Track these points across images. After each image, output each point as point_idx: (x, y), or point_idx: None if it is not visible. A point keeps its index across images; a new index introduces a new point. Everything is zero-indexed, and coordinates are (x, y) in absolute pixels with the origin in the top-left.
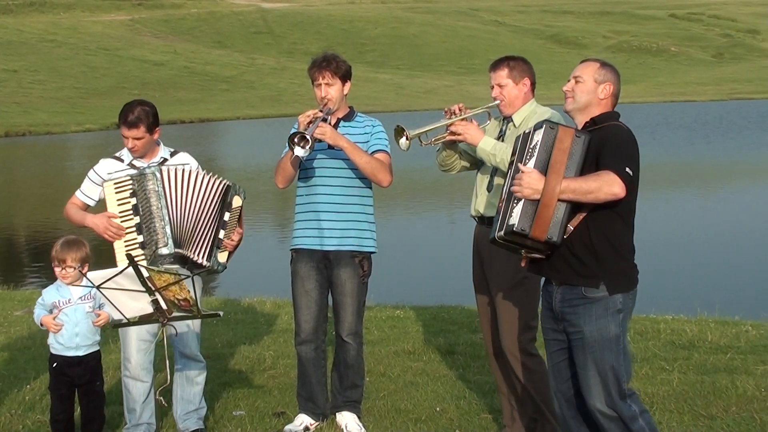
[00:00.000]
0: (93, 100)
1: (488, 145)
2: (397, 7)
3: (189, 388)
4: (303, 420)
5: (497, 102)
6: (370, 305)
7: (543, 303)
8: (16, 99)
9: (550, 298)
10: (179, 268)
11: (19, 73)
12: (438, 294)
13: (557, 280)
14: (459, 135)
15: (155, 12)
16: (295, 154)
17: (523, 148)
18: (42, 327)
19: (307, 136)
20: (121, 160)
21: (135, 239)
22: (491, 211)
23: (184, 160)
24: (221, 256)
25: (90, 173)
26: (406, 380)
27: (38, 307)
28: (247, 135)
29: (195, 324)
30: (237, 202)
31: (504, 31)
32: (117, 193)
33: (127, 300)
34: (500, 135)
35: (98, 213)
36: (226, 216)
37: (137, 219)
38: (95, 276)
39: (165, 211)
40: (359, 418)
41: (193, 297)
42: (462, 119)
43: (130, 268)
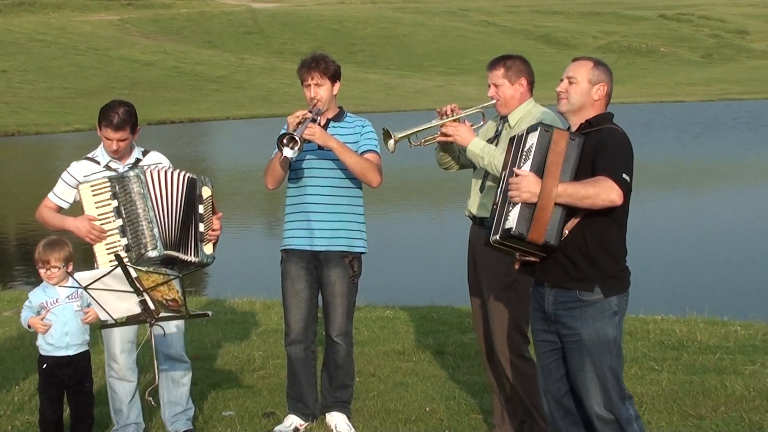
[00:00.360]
0: (82, 100)
1: (477, 147)
2: (387, 7)
3: (175, 390)
4: (293, 421)
5: (493, 102)
6: (360, 305)
7: (533, 304)
8: (5, 99)
9: (542, 300)
10: (166, 270)
11: (8, 73)
12: (428, 294)
13: (550, 283)
14: (449, 136)
15: (145, 12)
16: (284, 155)
17: (517, 151)
18: (30, 329)
19: (296, 137)
20: (96, 162)
21: (118, 242)
22: (483, 212)
23: (156, 160)
24: (207, 249)
25: (64, 175)
26: (396, 380)
27: (25, 310)
28: (237, 135)
29: (179, 324)
30: (207, 192)
31: (494, 31)
32: (95, 195)
33: (115, 300)
34: (496, 135)
35: (72, 215)
36: (201, 209)
37: (120, 221)
38: (83, 277)
39: (152, 213)
40: (349, 418)
41: (182, 297)
42: (454, 120)
43: (118, 269)
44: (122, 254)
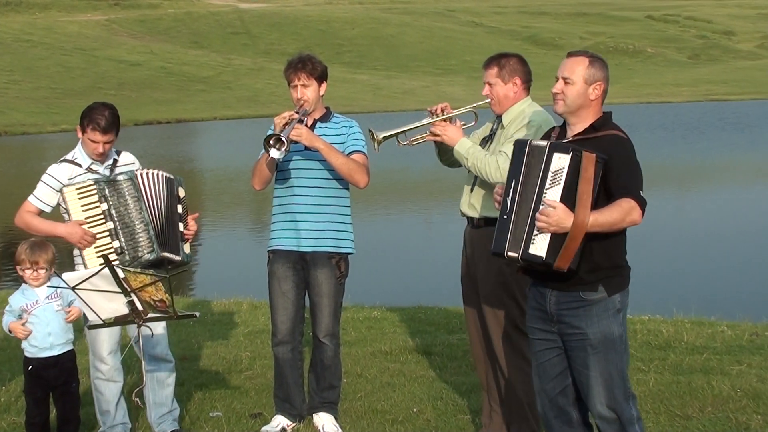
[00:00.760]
0: (69, 100)
1: (463, 147)
2: (375, 7)
3: (161, 391)
4: (280, 421)
5: (488, 101)
6: (348, 306)
7: (531, 303)
8: None
9: (543, 299)
10: (153, 271)
11: None
12: (415, 295)
13: (552, 287)
14: (437, 136)
15: (132, 12)
16: (271, 156)
17: (534, 164)
18: (10, 334)
19: (283, 138)
20: (78, 164)
21: (109, 244)
22: (472, 212)
23: (129, 160)
24: (186, 248)
25: (45, 178)
26: (383, 381)
27: (6, 315)
28: (224, 135)
29: (163, 325)
30: (182, 192)
31: (481, 32)
32: (81, 198)
33: (102, 301)
34: (491, 134)
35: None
36: (179, 209)
37: (110, 224)
38: (70, 277)
39: (147, 216)
40: (336, 419)
41: (170, 298)
42: (444, 119)
43: (106, 270)
44: (113, 257)
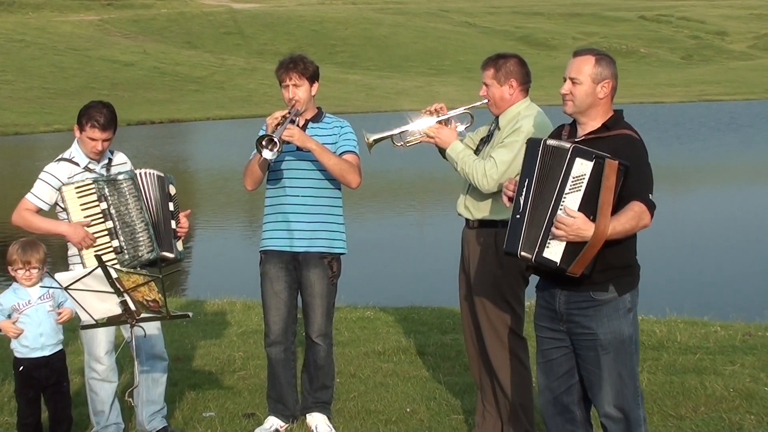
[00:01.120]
0: (62, 100)
1: (454, 151)
2: (368, 8)
3: (154, 390)
4: (273, 422)
5: (485, 101)
6: (341, 306)
7: (540, 301)
8: None
9: (552, 298)
10: (146, 271)
11: None
12: (409, 295)
13: (562, 286)
14: (431, 138)
15: (125, 12)
16: (264, 157)
17: (552, 166)
18: (0, 333)
19: (275, 139)
20: (75, 163)
21: (107, 243)
22: (467, 213)
23: (122, 160)
24: (179, 245)
25: (44, 176)
26: (377, 381)
27: None
28: (218, 135)
29: (158, 324)
30: (173, 190)
31: (474, 32)
32: (80, 197)
33: (95, 301)
34: (489, 135)
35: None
36: (171, 206)
37: (109, 224)
38: (63, 277)
39: (147, 215)
40: (329, 419)
41: (162, 298)
42: (440, 120)
43: (99, 270)
44: (111, 256)
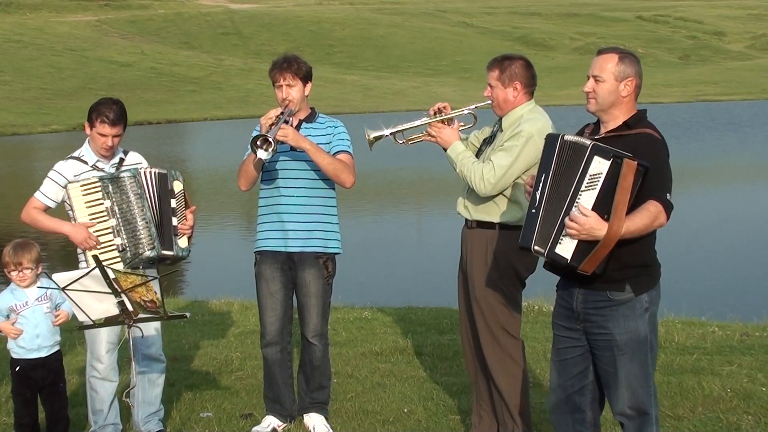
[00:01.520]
0: (59, 101)
1: (454, 152)
2: (365, 8)
3: (150, 391)
4: (270, 422)
5: (489, 102)
6: (338, 306)
7: (559, 300)
8: None
9: (570, 297)
10: (144, 271)
11: None
12: (406, 295)
13: (580, 285)
14: (433, 137)
15: (122, 13)
16: (258, 157)
17: (567, 161)
18: (0, 334)
19: (270, 139)
20: (84, 161)
21: (111, 242)
22: (465, 213)
23: (137, 160)
24: (181, 242)
25: (52, 174)
26: (374, 381)
27: None
28: (215, 136)
29: (157, 325)
30: (178, 186)
31: (471, 32)
32: (85, 195)
33: (93, 301)
34: (492, 135)
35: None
36: (173, 203)
37: (113, 222)
38: (60, 278)
39: (149, 214)
40: (327, 419)
41: (160, 298)
42: (442, 120)
43: (96, 270)
44: (114, 254)
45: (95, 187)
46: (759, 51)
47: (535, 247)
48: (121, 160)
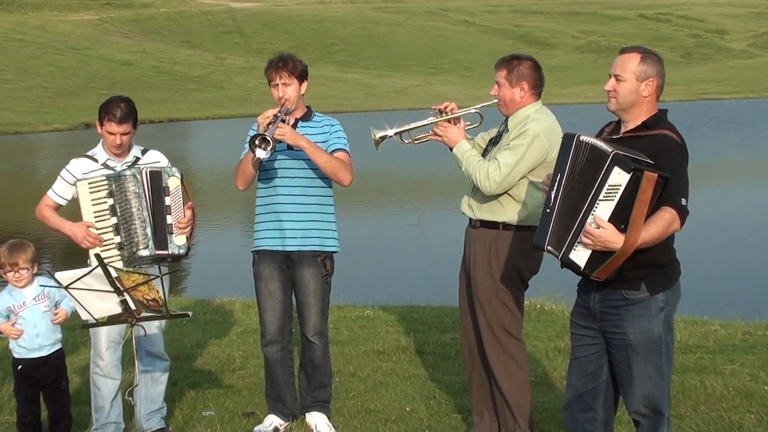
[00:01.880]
0: (61, 99)
1: (460, 151)
2: (367, 7)
3: (153, 388)
4: (272, 421)
5: (495, 101)
6: (340, 305)
7: (577, 299)
8: None
9: (588, 296)
10: (148, 268)
11: None
12: (408, 294)
13: (598, 285)
14: (439, 136)
15: (124, 11)
16: (257, 157)
17: (585, 169)
18: (0, 335)
19: (268, 138)
20: (94, 159)
21: (112, 240)
22: (470, 213)
23: (155, 158)
24: (178, 240)
25: (63, 173)
26: (376, 380)
27: None
28: (217, 135)
29: (160, 323)
30: (173, 183)
31: (473, 31)
32: (92, 192)
33: (95, 300)
34: (498, 135)
35: (71, 213)
36: (167, 200)
37: (114, 220)
38: (63, 276)
39: (146, 213)
40: (329, 418)
41: (162, 297)
42: (448, 119)
43: (98, 268)
44: (114, 252)
45: (101, 185)
46: (761, 49)
47: (549, 248)
48: (136, 159)
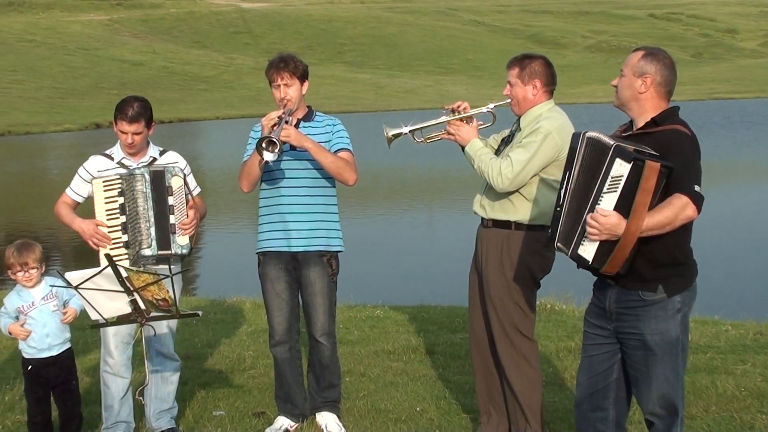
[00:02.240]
0: (72, 100)
1: (473, 149)
2: (376, 6)
3: (164, 387)
4: (282, 422)
5: (508, 100)
6: (350, 305)
7: (593, 298)
8: None
9: (603, 296)
10: (157, 269)
11: None
12: (418, 294)
13: (613, 284)
14: (452, 135)
15: (134, 12)
16: (265, 159)
17: (591, 163)
18: (10, 335)
19: (275, 140)
20: (111, 158)
21: (119, 238)
22: (482, 212)
23: (173, 159)
24: (181, 240)
25: (80, 170)
26: (386, 380)
27: (2, 317)
28: (227, 135)
29: (172, 323)
30: (177, 182)
31: (483, 30)
32: (105, 191)
33: (105, 300)
34: (510, 134)
35: (84, 210)
36: (170, 200)
37: (123, 218)
38: (73, 276)
39: (151, 213)
40: (339, 417)
41: (172, 297)
42: (460, 118)
43: (108, 268)
44: (122, 250)
45: (115, 183)
46: None
47: (558, 244)
48: (153, 159)
